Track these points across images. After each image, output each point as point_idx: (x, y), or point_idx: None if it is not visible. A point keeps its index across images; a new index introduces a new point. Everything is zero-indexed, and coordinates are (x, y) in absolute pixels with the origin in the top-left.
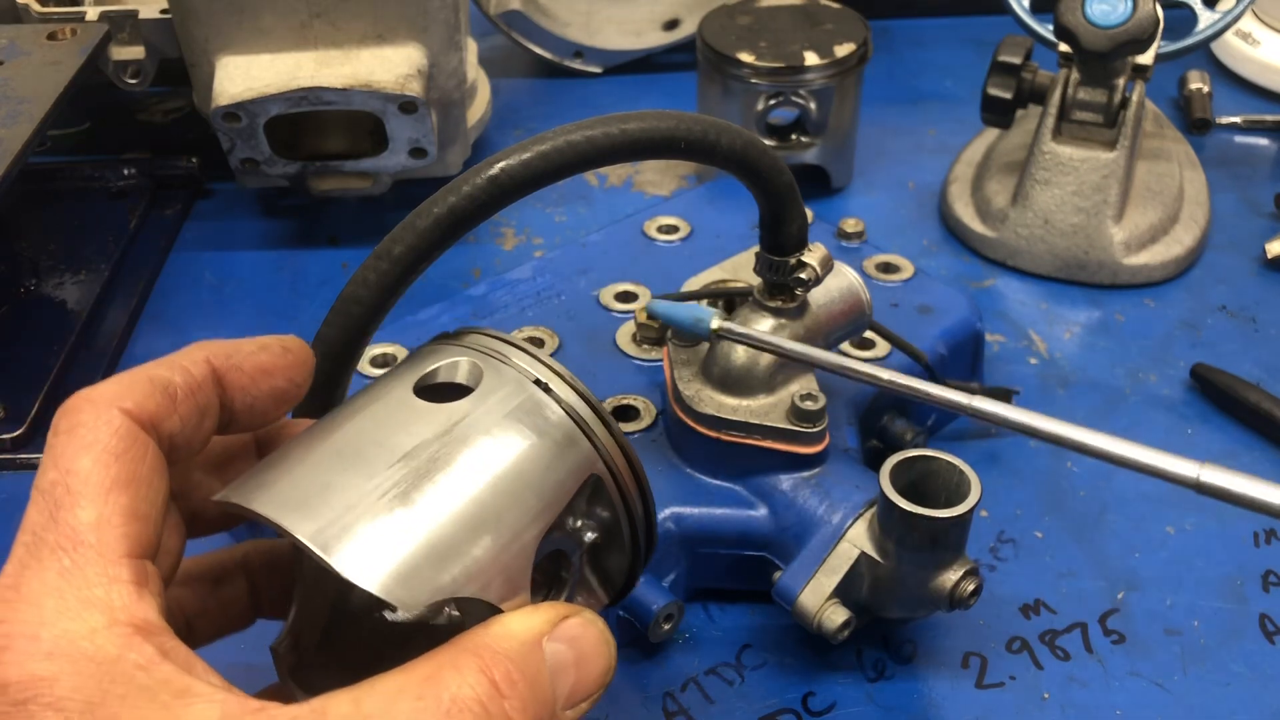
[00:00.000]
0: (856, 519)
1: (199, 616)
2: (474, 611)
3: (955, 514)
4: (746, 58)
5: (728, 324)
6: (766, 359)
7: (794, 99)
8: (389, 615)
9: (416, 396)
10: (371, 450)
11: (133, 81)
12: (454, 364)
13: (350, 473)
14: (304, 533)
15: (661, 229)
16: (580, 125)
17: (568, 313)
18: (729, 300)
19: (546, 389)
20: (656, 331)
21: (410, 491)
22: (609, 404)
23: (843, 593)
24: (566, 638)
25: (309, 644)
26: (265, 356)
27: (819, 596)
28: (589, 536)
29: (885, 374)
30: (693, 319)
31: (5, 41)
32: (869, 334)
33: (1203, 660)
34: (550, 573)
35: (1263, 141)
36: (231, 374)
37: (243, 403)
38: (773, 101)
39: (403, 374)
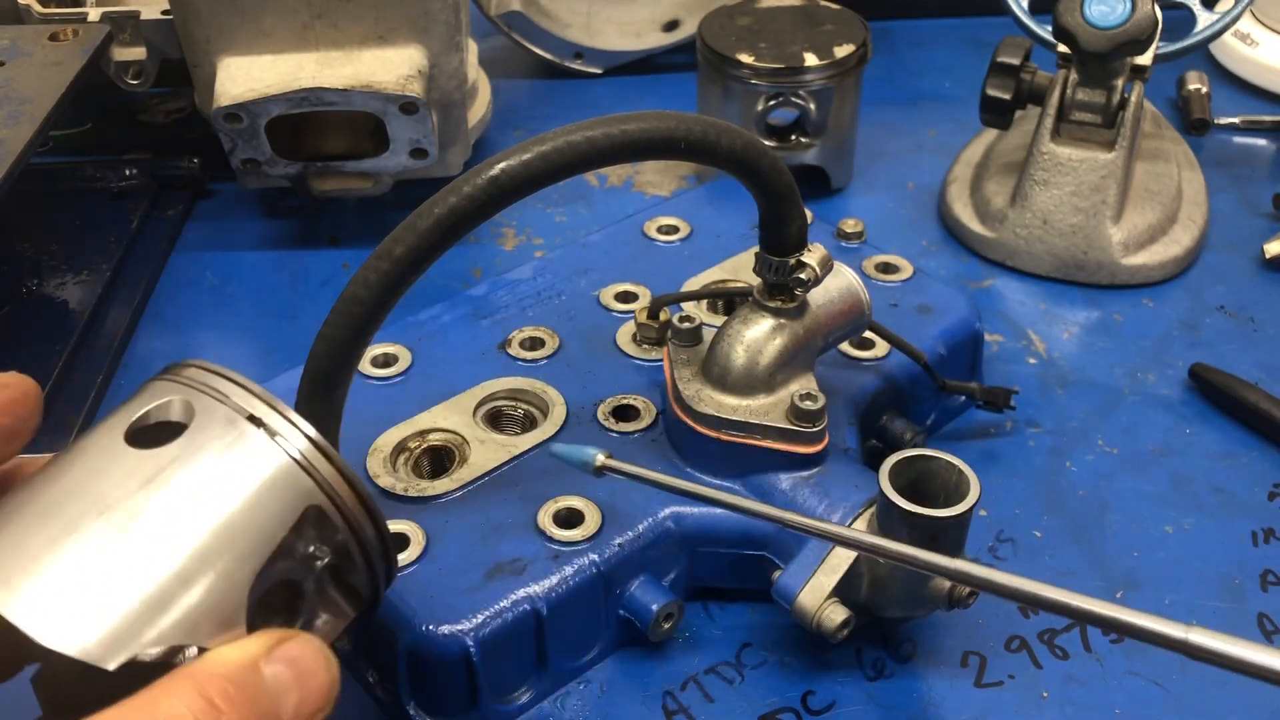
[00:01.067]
0: (856, 518)
1: None
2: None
3: (954, 513)
4: (746, 58)
5: (611, 461)
6: (766, 359)
7: (794, 100)
8: None
9: (128, 443)
10: (74, 506)
11: (134, 82)
12: (167, 404)
13: (51, 530)
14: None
15: (661, 229)
16: (580, 126)
17: (568, 313)
18: (729, 300)
19: (260, 423)
20: (656, 331)
21: (109, 545)
22: (609, 404)
23: (842, 592)
24: (284, 659)
25: (68, 677)
26: None
27: (818, 596)
28: (321, 562)
29: (762, 508)
30: (580, 460)
31: (7, 42)
32: (868, 334)
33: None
34: (286, 599)
35: (1261, 142)
36: None
37: None
38: (772, 102)
39: (116, 418)
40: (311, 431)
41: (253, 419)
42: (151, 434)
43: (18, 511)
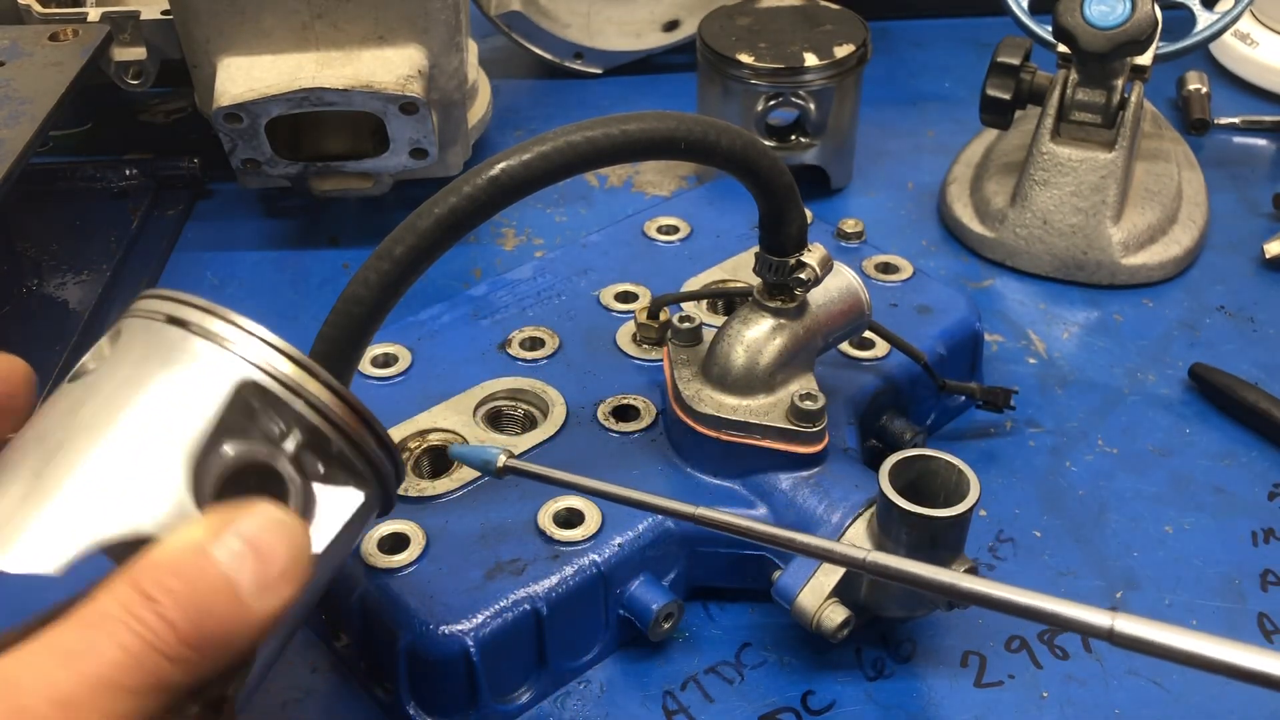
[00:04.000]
0: (856, 518)
1: None
2: None
3: (954, 513)
4: (746, 59)
5: (513, 461)
6: (766, 359)
7: (793, 100)
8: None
9: (69, 382)
10: (20, 450)
11: (134, 82)
12: (103, 339)
13: (4, 479)
14: None
15: (661, 229)
16: (580, 126)
17: (568, 313)
18: (729, 300)
19: (177, 322)
20: (656, 331)
21: (42, 470)
22: (609, 404)
23: (842, 592)
24: (235, 536)
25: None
26: None
27: (818, 596)
28: (290, 442)
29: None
30: (481, 461)
31: (7, 42)
32: (868, 334)
33: None
34: (261, 484)
35: (1261, 142)
36: None
37: None
38: (772, 102)
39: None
40: (234, 316)
41: (171, 320)
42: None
43: None
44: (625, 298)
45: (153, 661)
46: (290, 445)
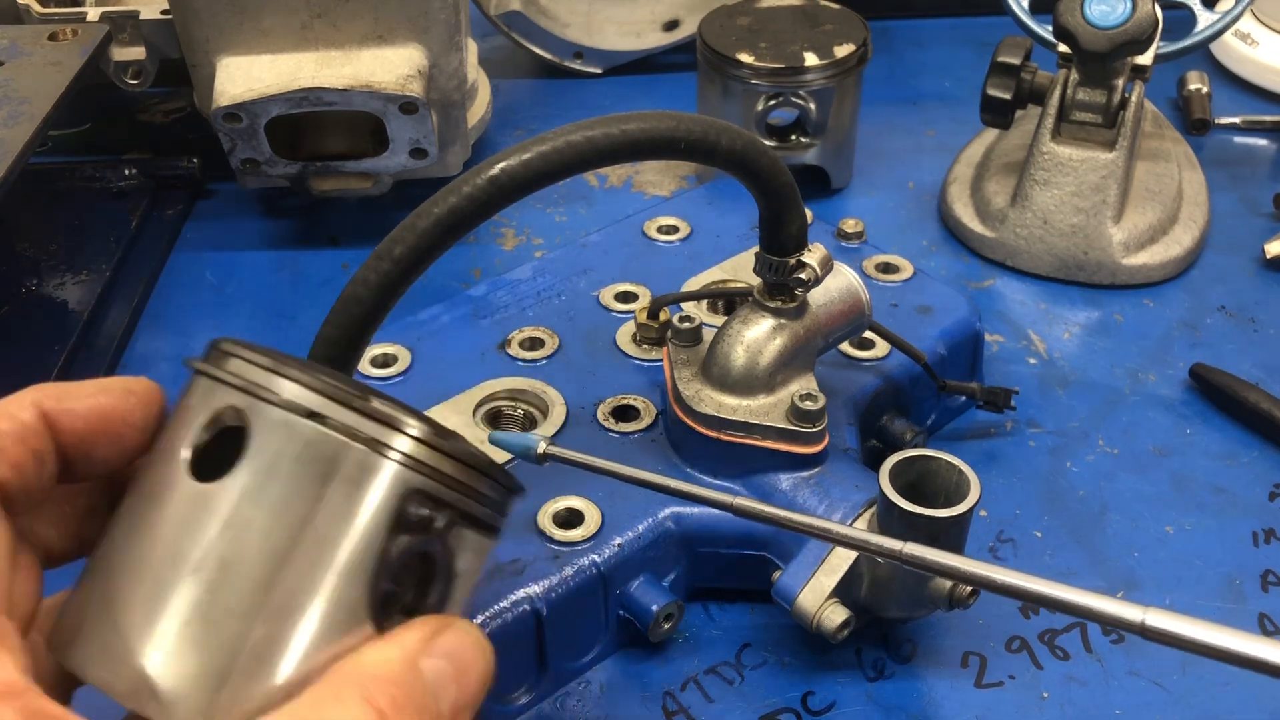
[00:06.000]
0: (856, 518)
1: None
2: None
3: (954, 513)
4: (746, 58)
5: (553, 448)
6: (766, 359)
7: (794, 100)
8: None
9: (193, 477)
10: (158, 565)
11: (134, 82)
12: (219, 414)
13: (142, 596)
14: (119, 692)
15: (661, 229)
16: (580, 126)
17: (568, 313)
18: (729, 300)
19: (320, 418)
20: (656, 331)
21: (209, 609)
22: (609, 404)
23: (842, 592)
24: (442, 652)
25: None
26: (103, 399)
27: (818, 596)
28: (440, 523)
29: (741, 502)
30: (522, 447)
31: (6, 42)
32: (868, 334)
33: (1202, 660)
34: (417, 568)
35: (1261, 142)
36: (64, 418)
37: (78, 449)
38: (772, 102)
39: (173, 444)
40: (383, 407)
41: (310, 415)
42: (214, 453)
43: (108, 576)
44: (625, 298)
45: None
46: (441, 524)
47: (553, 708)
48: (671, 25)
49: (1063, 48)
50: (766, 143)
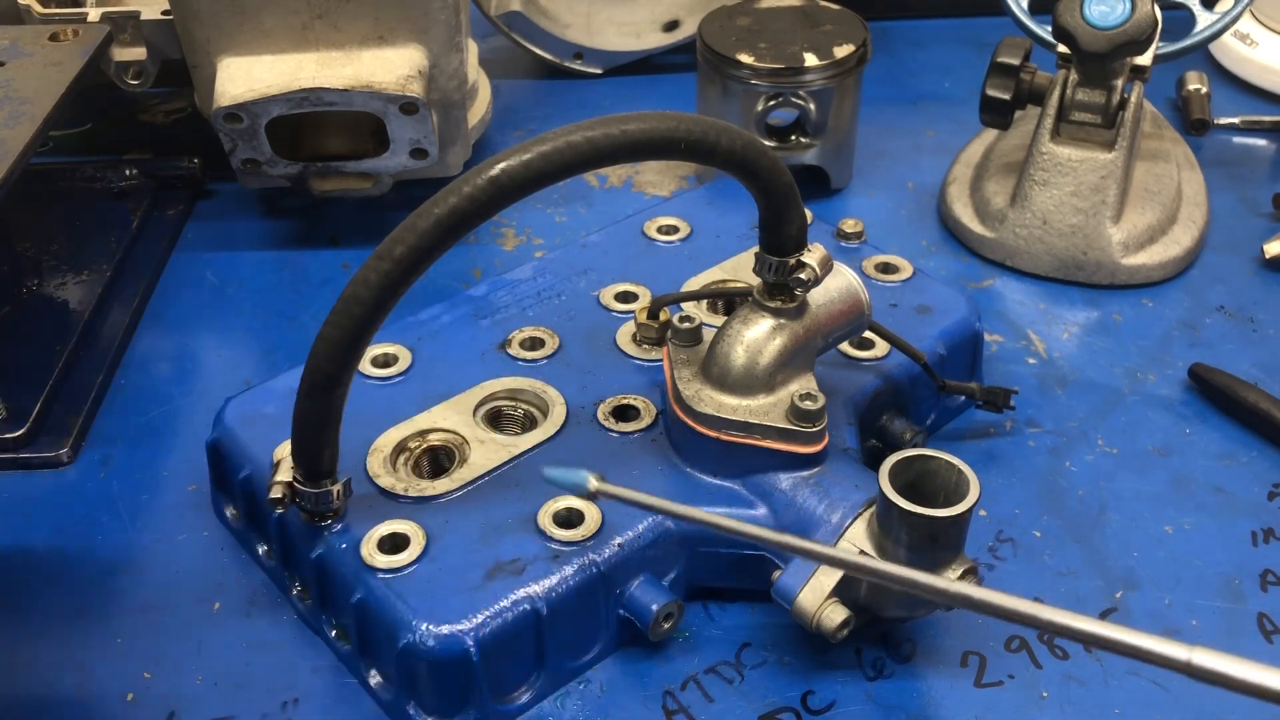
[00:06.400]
0: (856, 518)
1: None
2: None
3: (954, 513)
4: (746, 59)
5: (604, 485)
6: (766, 359)
7: (793, 100)
8: None
9: None
10: None
11: (134, 82)
12: None
13: None
14: None
15: (661, 229)
16: (580, 126)
17: (568, 313)
18: (729, 300)
19: None
20: (656, 331)
21: None
22: (609, 404)
23: (842, 592)
24: None
25: None
26: None
27: (818, 596)
28: None
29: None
30: (572, 484)
31: (7, 42)
32: (868, 334)
33: None
34: None
35: (1261, 142)
36: None
37: None
38: (772, 102)
39: None
40: None
41: None
42: None
43: None
44: (625, 298)
45: None
46: None
47: (553, 707)
48: (671, 26)
49: (1062, 48)
50: (766, 143)
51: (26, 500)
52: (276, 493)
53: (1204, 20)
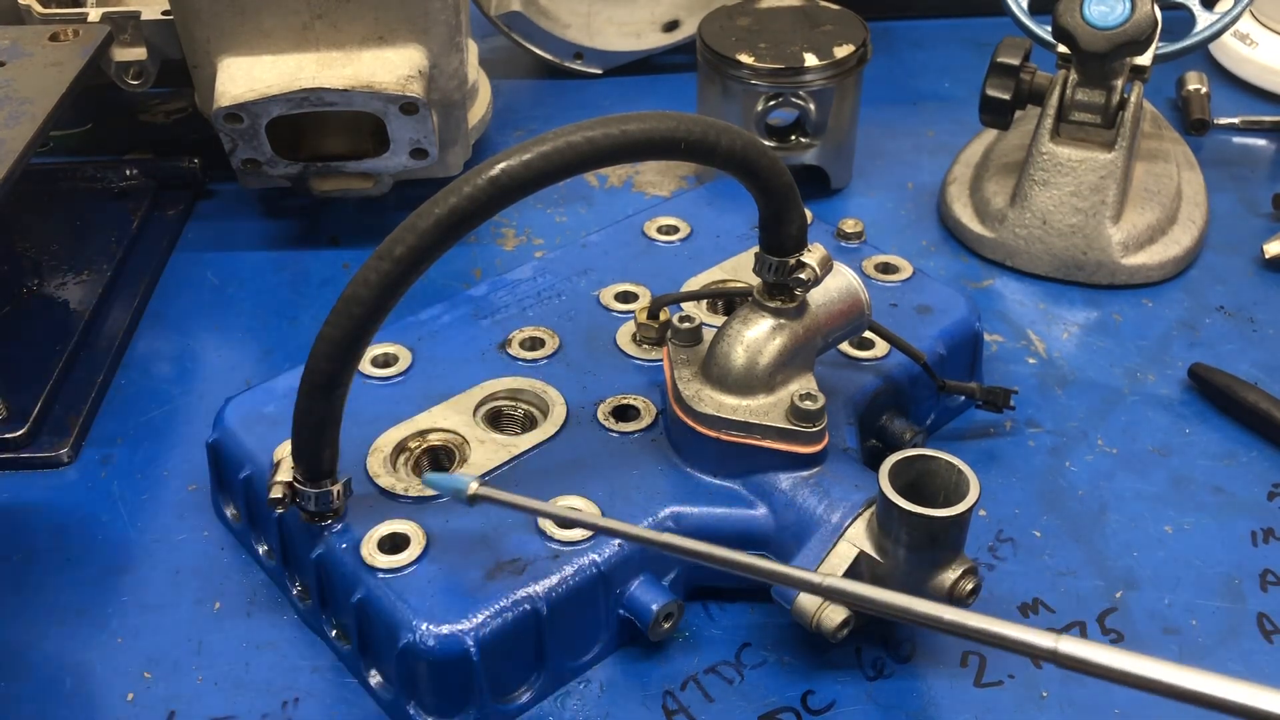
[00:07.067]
0: (856, 518)
1: None
2: None
3: (954, 513)
4: (746, 59)
5: (484, 490)
6: (766, 359)
7: (793, 100)
8: None
9: None
10: None
11: (135, 82)
12: None
13: None
14: None
15: (661, 229)
16: (580, 126)
17: (568, 313)
18: (729, 300)
19: None
20: (656, 331)
21: None
22: (609, 404)
23: None
24: None
25: None
26: None
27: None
28: None
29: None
30: (452, 489)
31: (8, 42)
32: (868, 334)
33: (1201, 659)
34: None
35: (1260, 142)
36: None
37: None
38: (772, 103)
39: None
40: None
41: None
42: None
43: None
44: (625, 298)
45: None
46: None
47: (553, 707)
48: (671, 26)
49: (1062, 48)
50: (766, 143)
51: (26, 500)
52: (276, 493)
53: (1204, 20)
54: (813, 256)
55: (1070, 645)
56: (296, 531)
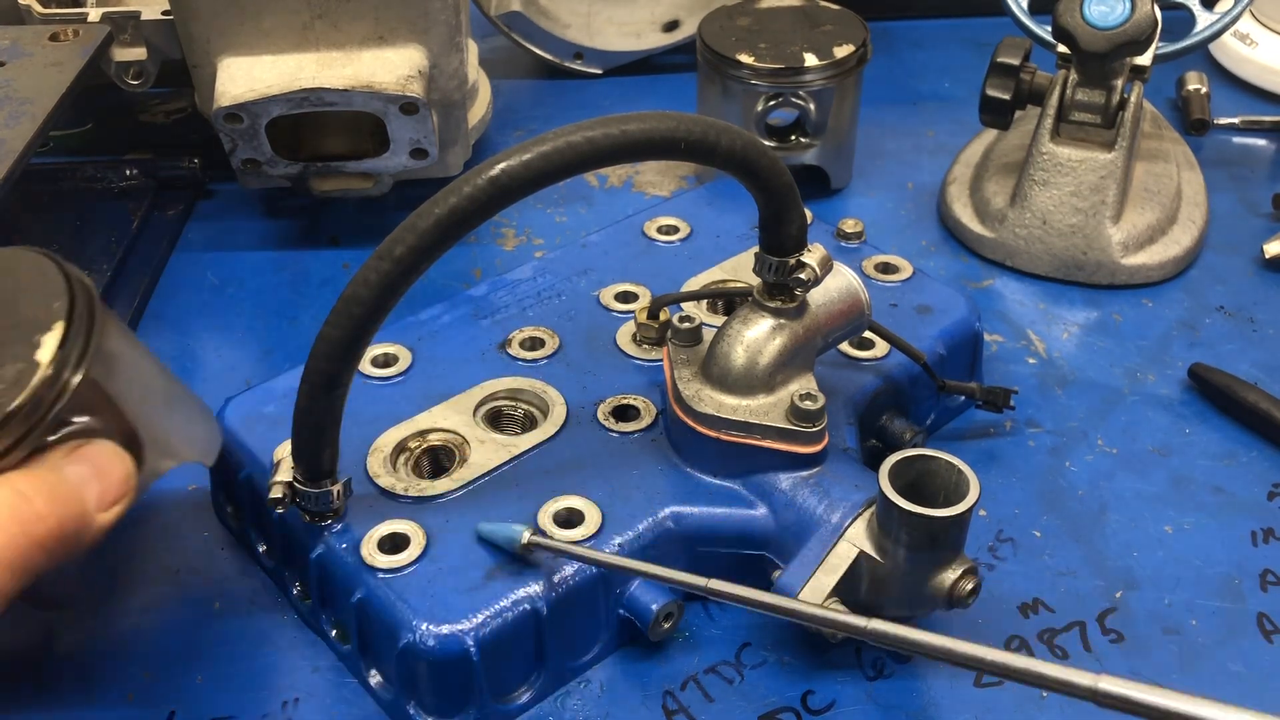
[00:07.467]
0: (855, 518)
1: None
2: None
3: (954, 513)
4: (746, 59)
5: (537, 538)
6: (766, 359)
7: (793, 100)
8: None
9: None
10: None
11: (135, 82)
12: None
13: None
14: None
15: (661, 229)
16: (580, 126)
17: (568, 313)
18: (729, 300)
19: None
20: (656, 331)
21: None
22: (609, 404)
23: (842, 592)
24: (81, 457)
25: None
26: None
27: (818, 595)
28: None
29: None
30: (506, 539)
31: (8, 42)
32: (868, 334)
33: (1201, 659)
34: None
35: (1260, 142)
36: None
37: None
38: (772, 103)
39: None
40: None
41: None
42: None
43: None
44: (625, 298)
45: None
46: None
47: (553, 707)
48: (671, 26)
49: (1062, 48)
50: (766, 143)
51: None
52: (277, 493)
53: (1204, 20)
54: (813, 256)
55: (1110, 684)
56: (296, 531)
